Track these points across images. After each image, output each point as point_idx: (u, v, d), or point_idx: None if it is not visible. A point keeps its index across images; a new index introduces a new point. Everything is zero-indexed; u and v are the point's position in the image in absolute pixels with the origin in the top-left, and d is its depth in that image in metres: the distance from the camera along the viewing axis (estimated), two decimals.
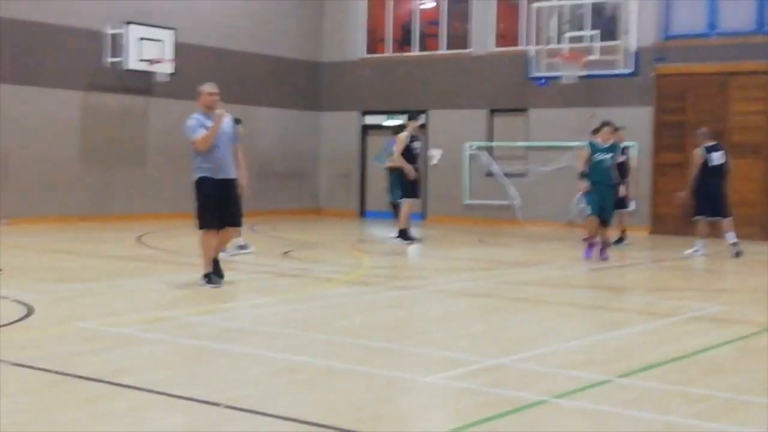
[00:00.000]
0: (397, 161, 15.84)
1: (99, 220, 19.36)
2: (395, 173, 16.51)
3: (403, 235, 15.86)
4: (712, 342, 7.68)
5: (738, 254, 14.55)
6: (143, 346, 7.03)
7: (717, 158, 15.03)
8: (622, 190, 15.20)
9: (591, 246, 13.73)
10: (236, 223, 10.28)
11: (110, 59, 19.55)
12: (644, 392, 6.01)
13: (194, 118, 10.14)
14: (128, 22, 19.49)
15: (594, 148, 13.59)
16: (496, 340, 7.76)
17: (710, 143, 15.12)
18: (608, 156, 13.60)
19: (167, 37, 20.06)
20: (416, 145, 16.02)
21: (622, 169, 15.21)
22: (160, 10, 20.30)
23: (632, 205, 16.90)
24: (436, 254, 15.06)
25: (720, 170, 15.07)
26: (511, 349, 7.23)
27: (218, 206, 9.98)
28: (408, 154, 15.78)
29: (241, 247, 13.32)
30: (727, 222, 14.92)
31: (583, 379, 6.23)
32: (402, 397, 5.81)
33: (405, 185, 15.87)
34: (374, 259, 14.03)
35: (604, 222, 13.73)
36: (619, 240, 16.20)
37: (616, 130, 14.63)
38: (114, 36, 19.52)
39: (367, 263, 13.23)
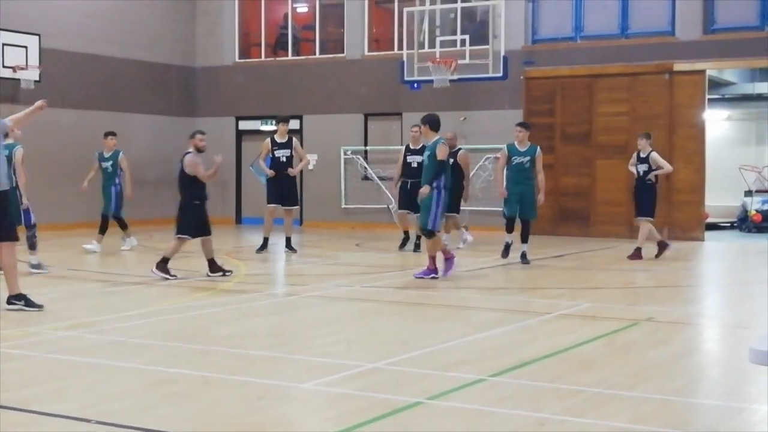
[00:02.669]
0: (262, 165, 15.65)
1: None
2: (110, 183, 15.71)
3: (264, 243, 15.55)
4: (581, 338, 7.91)
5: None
6: (10, 363, 6.79)
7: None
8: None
9: (448, 260, 12.06)
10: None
11: None
12: (517, 390, 6.14)
13: None
14: None
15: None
16: (373, 344, 7.81)
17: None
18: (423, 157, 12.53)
19: (31, 42, 19.43)
20: (280, 153, 15.44)
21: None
22: (23, 14, 19.62)
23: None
24: (313, 259, 15.04)
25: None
26: (386, 352, 7.28)
27: None
28: (273, 161, 15.45)
29: (35, 267, 12.36)
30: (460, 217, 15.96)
31: (458, 379, 6.33)
32: (278, 405, 5.79)
33: (267, 191, 15.55)
34: (251, 266, 13.91)
35: (423, 231, 12.05)
36: (403, 243, 15.97)
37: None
38: None
39: (243, 270, 13.11)
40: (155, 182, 22.85)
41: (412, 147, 15.72)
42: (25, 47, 19.32)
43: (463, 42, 19.19)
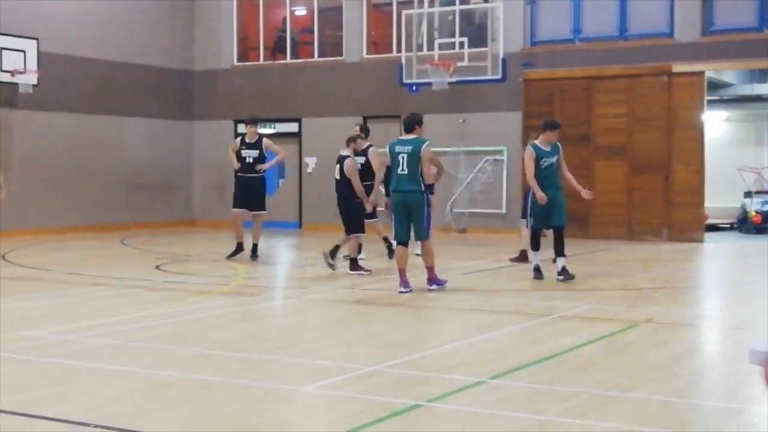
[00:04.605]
0: (233, 165, 14.68)
1: None
2: None
3: (237, 248, 14.78)
4: (580, 340, 7.90)
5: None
6: (8, 367, 6.77)
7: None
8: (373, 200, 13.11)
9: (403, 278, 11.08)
10: None
11: None
12: (516, 392, 6.13)
13: None
14: None
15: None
16: (372, 347, 7.79)
17: None
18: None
19: (29, 46, 19.44)
20: (246, 153, 14.52)
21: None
22: (21, 19, 19.61)
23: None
24: (312, 263, 14.99)
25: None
26: (386, 355, 7.27)
27: None
28: (241, 161, 14.55)
29: None
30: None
31: (457, 381, 6.32)
32: (278, 408, 5.77)
33: (234, 194, 14.79)
34: (251, 269, 13.89)
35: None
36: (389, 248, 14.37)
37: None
38: None
39: (243, 274, 13.10)
40: (153, 186, 22.85)
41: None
42: (23, 51, 19.33)
43: (461, 44, 19.20)
